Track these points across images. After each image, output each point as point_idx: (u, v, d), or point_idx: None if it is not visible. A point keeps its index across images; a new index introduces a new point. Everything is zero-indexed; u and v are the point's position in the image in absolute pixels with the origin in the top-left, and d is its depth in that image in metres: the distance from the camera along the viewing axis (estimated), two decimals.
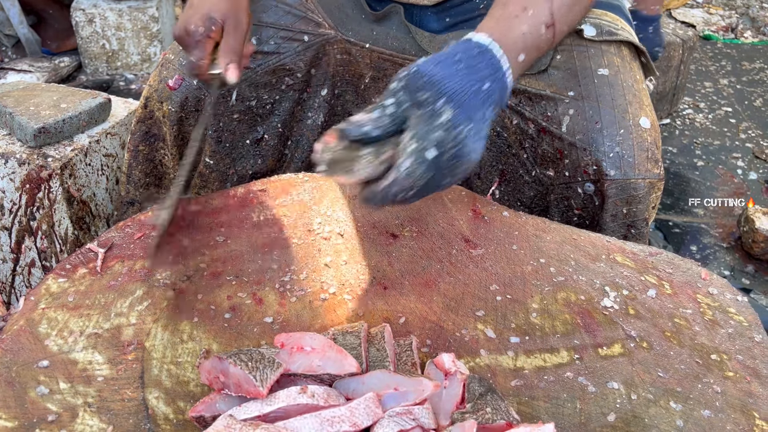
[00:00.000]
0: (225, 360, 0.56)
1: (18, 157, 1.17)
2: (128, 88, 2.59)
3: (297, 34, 1.08)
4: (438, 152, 0.61)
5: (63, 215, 1.21)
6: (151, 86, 1.09)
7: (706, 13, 3.76)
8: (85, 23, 2.52)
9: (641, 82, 0.99)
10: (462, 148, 0.61)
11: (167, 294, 0.73)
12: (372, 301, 0.73)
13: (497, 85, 0.65)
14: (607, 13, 1.03)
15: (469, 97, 0.62)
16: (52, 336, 0.67)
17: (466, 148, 0.61)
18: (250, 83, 1.08)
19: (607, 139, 0.92)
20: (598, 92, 0.94)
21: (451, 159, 0.61)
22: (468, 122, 0.62)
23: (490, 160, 1.08)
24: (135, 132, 1.12)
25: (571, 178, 0.95)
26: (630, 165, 0.91)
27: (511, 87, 0.68)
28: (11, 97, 1.25)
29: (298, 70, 1.09)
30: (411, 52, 1.06)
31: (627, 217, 0.93)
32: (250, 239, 0.81)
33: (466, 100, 0.62)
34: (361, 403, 0.54)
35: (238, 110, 1.09)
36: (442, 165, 0.61)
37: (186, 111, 1.07)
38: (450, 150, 0.61)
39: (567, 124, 0.94)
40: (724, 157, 2.37)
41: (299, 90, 1.11)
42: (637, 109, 0.94)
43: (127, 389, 0.62)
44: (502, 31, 0.69)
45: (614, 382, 0.65)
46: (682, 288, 0.78)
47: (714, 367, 0.68)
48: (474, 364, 0.67)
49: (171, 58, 1.08)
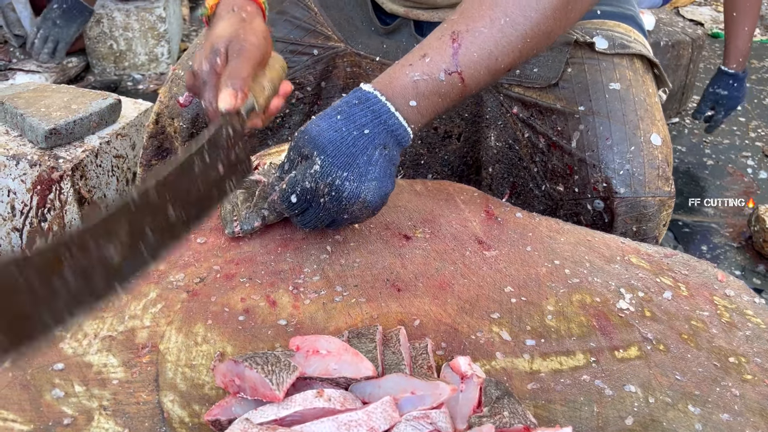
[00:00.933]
0: (240, 363, 0.56)
1: (29, 158, 1.17)
2: (136, 88, 2.60)
3: (306, 47, 1.08)
4: (301, 198, 0.70)
5: (74, 216, 1.21)
6: (161, 102, 1.09)
7: (714, 11, 3.74)
8: (92, 23, 2.53)
9: (654, 95, 0.98)
10: (340, 193, 0.68)
11: (180, 296, 0.73)
12: (386, 303, 0.73)
13: (379, 129, 0.70)
14: (620, 25, 1.01)
15: (344, 147, 0.69)
16: (67, 339, 0.67)
17: (345, 192, 0.68)
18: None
19: (617, 156, 0.91)
20: (609, 107, 0.93)
21: (332, 202, 0.69)
22: (341, 171, 0.68)
23: (501, 172, 1.07)
24: (147, 147, 1.12)
25: (581, 194, 0.94)
26: (640, 183, 0.90)
27: (408, 127, 0.72)
28: (22, 98, 1.25)
29: (308, 84, 1.09)
30: None
31: (637, 235, 0.92)
32: (263, 240, 0.81)
33: (340, 150, 0.68)
34: (378, 407, 0.54)
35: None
36: (321, 207, 0.70)
37: (197, 127, 1.07)
38: (324, 196, 0.69)
39: (577, 140, 0.94)
40: (734, 156, 2.36)
41: (309, 103, 1.10)
42: (649, 125, 0.93)
43: (142, 392, 0.62)
44: (389, 79, 0.73)
45: (631, 385, 0.65)
46: (698, 290, 0.77)
47: (732, 370, 0.67)
48: (490, 367, 0.66)
49: (180, 74, 1.08)
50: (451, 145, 1.12)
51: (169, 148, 1.12)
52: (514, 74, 1.00)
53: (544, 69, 0.98)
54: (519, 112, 1.01)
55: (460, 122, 1.09)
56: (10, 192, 1.21)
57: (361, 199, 0.69)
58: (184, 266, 0.77)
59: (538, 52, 0.79)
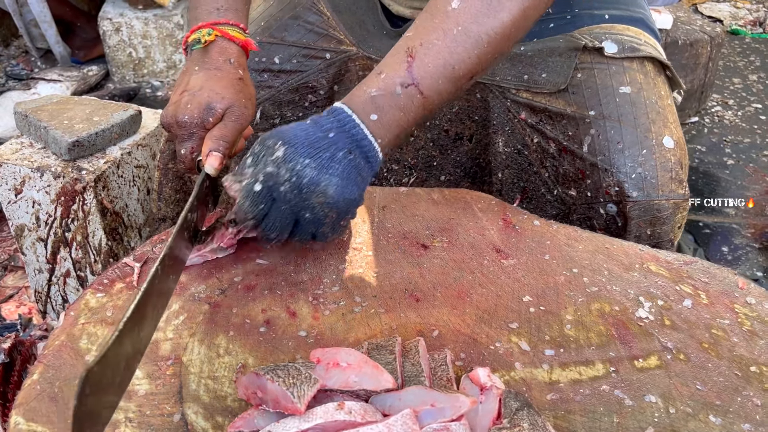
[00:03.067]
0: (262, 376, 0.57)
1: (53, 170, 1.19)
2: (155, 95, 2.63)
3: (319, 51, 1.09)
4: (265, 185, 0.69)
5: (97, 226, 1.23)
6: None
7: (733, 7, 3.69)
8: (112, 32, 2.57)
9: (666, 98, 0.97)
10: (301, 179, 0.68)
11: (202, 308, 0.74)
12: (405, 314, 0.74)
13: (343, 135, 0.71)
14: (629, 28, 1.01)
15: (308, 140, 0.70)
16: (93, 351, 0.68)
17: (306, 179, 0.68)
18: (274, 102, 1.09)
19: (629, 160, 0.91)
20: (619, 111, 0.93)
21: (293, 190, 0.69)
22: (303, 158, 0.68)
23: (511, 177, 1.07)
24: (164, 151, 1.14)
25: (593, 198, 0.94)
26: (653, 186, 0.89)
27: (374, 140, 0.73)
28: (45, 111, 1.27)
29: (320, 88, 1.10)
30: None
31: (651, 238, 0.92)
32: (282, 251, 0.82)
33: (302, 142, 0.69)
34: (399, 419, 0.54)
35: (262, 129, 1.11)
36: (282, 197, 0.69)
37: None
38: (285, 182, 0.68)
39: (588, 144, 0.94)
40: (755, 155, 2.33)
41: (322, 107, 1.12)
42: (661, 128, 0.93)
43: (166, 404, 0.63)
44: (351, 96, 0.75)
45: (651, 395, 0.65)
46: (718, 298, 0.76)
47: (753, 379, 0.67)
48: (509, 378, 0.67)
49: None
50: (462, 147, 1.12)
51: None
52: (522, 80, 1.01)
53: (552, 74, 0.98)
54: (527, 117, 1.01)
55: (471, 124, 1.09)
56: (35, 203, 1.23)
57: (321, 189, 0.69)
58: (206, 278, 0.78)
59: (502, 56, 0.80)
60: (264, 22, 1.13)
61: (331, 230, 0.74)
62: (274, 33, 1.11)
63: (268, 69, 1.10)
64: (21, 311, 1.50)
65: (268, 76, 1.11)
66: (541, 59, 1.00)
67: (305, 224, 0.72)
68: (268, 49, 1.10)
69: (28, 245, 1.30)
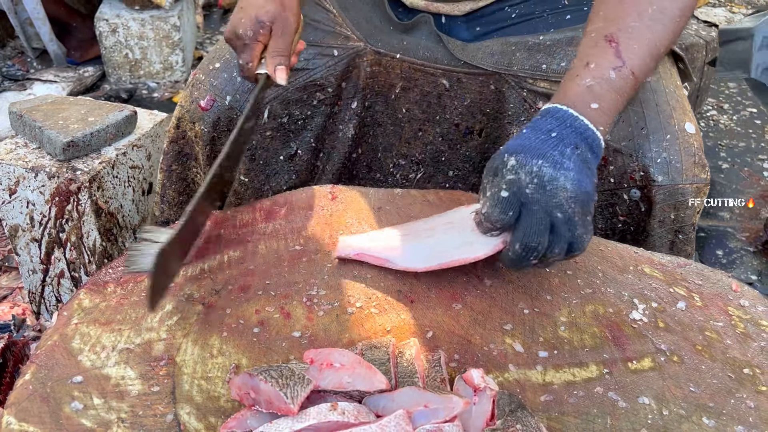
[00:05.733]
0: (255, 377, 0.57)
1: (47, 170, 1.19)
2: (151, 96, 2.62)
3: (326, 48, 1.08)
4: (510, 191, 0.69)
5: (91, 227, 1.23)
6: (182, 107, 1.10)
7: (728, 12, 3.70)
8: (108, 33, 2.56)
9: (681, 88, 0.99)
10: (542, 178, 0.68)
11: (196, 308, 0.74)
12: (399, 315, 0.73)
13: (568, 131, 0.72)
14: None
15: (533, 145, 0.70)
16: (85, 351, 0.68)
17: (546, 176, 0.68)
18: (282, 101, 1.09)
19: (654, 145, 0.92)
20: (642, 98, 0.94)
21: (538, 189, 0.68)
22: (536, 159, 0.69)
23: None
24: (168, 152, 1.13)
25: (617, 184, 0.95)
26: (678, 170, 0.90)
27: (596, 129, 0.73)
28: (40, 111, 1.27)
29: (329, 85, 1.09)
30: (443, 61, 1.06)
31: (675, 222, 0.92)
32: (277, 252, 0.82)
33: (529, 147, 0.70)
34: (392, 420, 0.54)
35: (270, 128, 1.10)
36: (530, 198, 0.68)
37: (218, 131, 1.08)
38: (528, 184, 0.68)
39: (612, 130, 0.94)
40: (750, 159, 2.34)
41: (330, 104, 1.11)
42: (681, 115, 0.94)
43: (159, 405, 0.63)
44: (563, 92, 0.76)
45: (645, 397, 0.65)
46: (712, 300, 0.77)
47: (747, 381, 0.67)
48: (503, 379, 0.67)
49: (201, 78, 1.09)
50: (472, 141, 1.12)
51: (189, 153, 1.13)
52: (540, 69, 1.01)
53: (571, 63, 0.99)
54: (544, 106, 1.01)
55: (482, 118, 1.09)
56: (29, 203, 1.23)
57: (561, 184, 0.68)
58: (200, 279, 0.78)
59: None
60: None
61: (584, 230, 0.70)
62: None
63: None
64: (15, 312, 1.49)
65: None
66: (560, 48, 1.00)
67: (560, 227, 0.69)
68: None
69: (22, 246, 1.30)
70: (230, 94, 1.07)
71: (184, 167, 1.14)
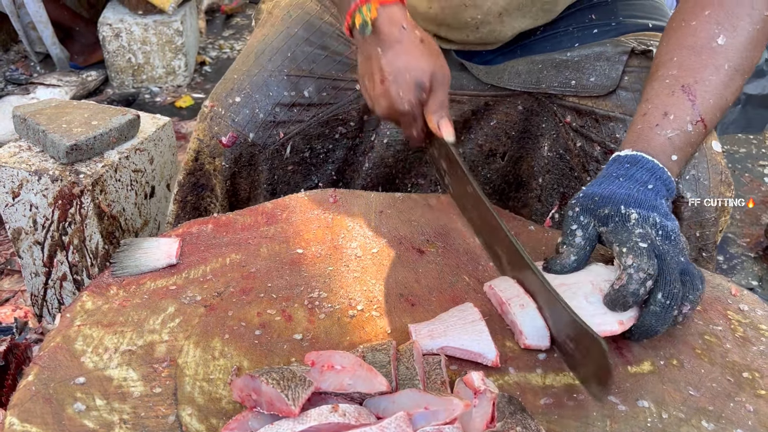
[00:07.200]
0: (257, 378, 0.57)
1: (51, 173, 1.20)
2: (153, 100, 2.64)
3: (349, 83, 1.07)
4: (645, 242, 0.69)
5: (94, 230, 1.24)
6: (201, 141, 1.06)
7: None
8: (111, 38, 2.58)
9: None
10: (665, 230, 0.72)
11: (198, 311, 0.74)
12: (400, 318, 0.74)
13: (660, 183, 0.76)
14: None
15: (641, 197, 0.74)
16: (88, 353, 0.68)
17: (667, 228, 0.72)
18: (304, 136, 1.06)
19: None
20: None
21: (665, 239, 0.71)
22: (651, 212, 0.73)
23: (551, 183, 1.07)
24: (184, 184, 1.10)
25: None
26: (705, 188, 0.90)
27: (673, 179, 0.78)
28: (44, 114, 1.28)
29: (351, 119, 1.07)
30: (469, 87, 1.05)
31: (699, 240, 0.92)
32: (279, 255, 0.82)
33: (640, 199, 0.73)
34: (392, 422, 0.55)
35: (292, 162, 1.08)
36: (661, 250, 0.70)
37: (239, 166, 1.06)
38: (657, 237, 0.71)
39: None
40: (751, 165, 2.34)
41: (352, 137, 1.09)
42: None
43: (161, 406, 0.63)
44: (645, 141, 0.79)
45: (644, 400, 0.65)
46: (711, 304, 0.77)
47: (746, 385, 0.67)
48: (503, 382, 0.67)
49: (221, 112, 1.04)
50: (494, 164, 1.11)
51: (205, 185, 1.10)
52: (569, 85, 1.01)
53: (601, 78, 0.99)
54: (572, 121, 1.01)
55: (507, 140, 1.09)
56: (33, 206, 1.23)
57: (678, 235, 0.73)
58: (202, 281, 0.78)
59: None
60: (290, 53, 1.07)
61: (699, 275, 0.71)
62: (302, 65, 1.06)
63: (297, 103, 1.06)
64: (17, 315, 1.50)
65: (298, 110, 1.06)
66: (589, 64, 1.01)
67: (689, 275, 0.70)
68: (296, 83, 1.06)
69: (24, 248, 1.31)
70: (253, 131, 1.04)
71: (199, 197, 1.12)
